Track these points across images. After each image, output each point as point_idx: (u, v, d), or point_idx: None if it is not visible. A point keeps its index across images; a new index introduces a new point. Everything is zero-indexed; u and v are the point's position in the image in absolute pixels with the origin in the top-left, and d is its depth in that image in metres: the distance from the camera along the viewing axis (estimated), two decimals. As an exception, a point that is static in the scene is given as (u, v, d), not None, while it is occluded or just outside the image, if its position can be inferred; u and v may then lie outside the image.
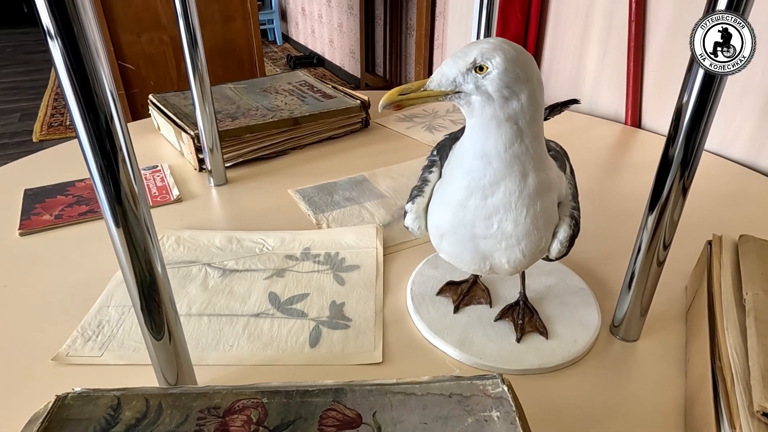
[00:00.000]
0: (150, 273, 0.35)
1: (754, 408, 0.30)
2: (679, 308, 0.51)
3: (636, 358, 0.46)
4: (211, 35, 1.36)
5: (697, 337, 0.43)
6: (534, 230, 0.37)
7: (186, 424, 0.33)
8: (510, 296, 0.50)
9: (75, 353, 0.46)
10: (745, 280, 0.42)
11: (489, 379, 0.35)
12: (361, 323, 0.49)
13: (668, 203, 0.42)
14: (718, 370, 0.36)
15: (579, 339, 0.46)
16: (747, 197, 0.72)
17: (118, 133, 0.30)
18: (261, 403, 0.34)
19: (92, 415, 0.33)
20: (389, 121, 0.98)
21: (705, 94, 0.38)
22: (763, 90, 0.76)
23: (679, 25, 0.86)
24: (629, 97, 0.96)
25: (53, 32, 0.26)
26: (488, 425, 0.32)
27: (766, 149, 0.78)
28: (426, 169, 0.43)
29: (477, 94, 0.33)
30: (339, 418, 0.33)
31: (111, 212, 0.32)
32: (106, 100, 0.29)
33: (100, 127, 0.29)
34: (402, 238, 0.62)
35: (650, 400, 0.42)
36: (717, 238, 0.49)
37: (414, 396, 0.34)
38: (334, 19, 2.29)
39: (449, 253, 0.40)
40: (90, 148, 0.30)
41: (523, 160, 0.35)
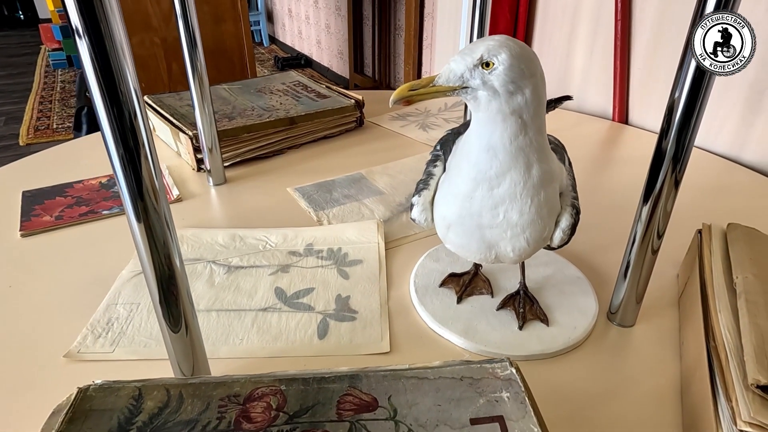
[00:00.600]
0: (169, 267, 0.36)
1: (748, 381, 0.32)
2: (672, 295, 0.53)
3: (633, 343, 0.48)
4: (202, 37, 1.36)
5: (691, 320, 0.45)
6: (538, 219, 0.38)
7: (208, 411, 0.34)
8: (510, 286, 0.52)
9: (86, 350, 0.47)
10: (734, 265, 0.44)
11: (498, 363, 0.37)
12: (367, 315, 0.50)
13: (661, 195, 0.44)
14: (713, 350, 0.38)
15: (578, 326, 0.48)
16: (732, 189, 0.75)
17: (141, 130, 0.31)
18: (279, 390, 0.35)
19: (114, 405, 0.34)
20: (383, 120, 0.99)
21: (695, 90, 0.40)
22: (744, 86, 0.79)
23: (663, 24, 0.89)
24: (616, 95, 0.98)
25: (81, 31, 0.27)
26: (499, 405, 0.34)
27: (749, 143, 0.81)
28: (430, 163, 0.44)
29: (483, 89, 0.35)
30: (356, 403, 0.34)
31: (133, 207, 0.33)
32: (131, 97, 0.30)
33: (125, 124, 0.30)
34: (402, 233, 0.63)
35: (647, 382, 0.43)
36: (707, 227, 0.52)
37: (427, 380, 0.36)
38: (322, 20, 2.30)
39: (456, 244, 0.42)
40: (114, 144, 0.30)
41: (527, 152, 0.37)
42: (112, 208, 0.69)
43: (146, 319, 0.50)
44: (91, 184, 0.75)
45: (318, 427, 0.32)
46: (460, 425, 0.32)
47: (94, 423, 0.33)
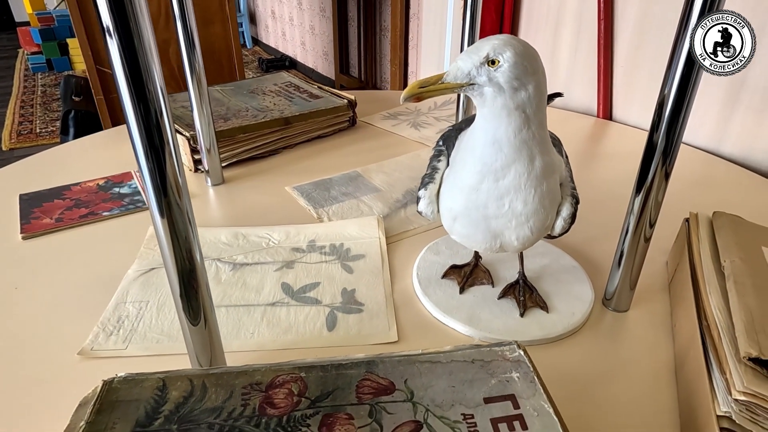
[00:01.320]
0: (190, 261, 0.37)
1: (740, 355, 0.34)
2: (662, 281, 0.56)
3: (628, 327, 0.50)
4: None
5: (682, 304, 0.48)
6: (541, 208, 0.40)
7: (231, 399, 0.35)
8: (509, 276, 0.54)
9: (99, 347, 0.47)
10: (722, 250, 0.46)
11: (506, 346, 0.39)
12: (374, 307, 0.52)
13: (653, 186, 0.47)
14: (705, 329, 0.40)
15: (576, 312, 0.50)
16: (713, 181, 0.78)
17: (166, 128, 0.32)
18: (300, 377, 0.36)
19: (140, 396, 0.35)
20: (375, 119, 1.01)
21: (684, 87, 0.42)
22: (722, 83, 0.82)
23: (644, 23, 0.92)
24: (600, 92, 1.02)
25: (112, 31, 0.28)
26: (510, 385, 0.36)
27: (728, 137, 0.85)
28: (434, 158, 0.46)
29: (489, 85, 0.37)
30: (374, 386, 0.36)
31: (157, 203, 0.34)
32: (157, 96, 0.31)
33: (151, 122, 0.31)
34: (402, 228, 0.65)
35: (643, 362, 0.46)
36: (693, 215, 0.54)
37: (440, 364, 0.37)
38: (306, 22, 2.30)
39: (462, 234, 0.44)
40: (140, 141, 0.31)
41: (530, 145, 0.39)
42: (113, 209, 0.70)
43: (156, 317, 0.51)
44: (89, 187, 0.76)
45: (340, 410, 0.34)
46: (475, 404, 0.34)
47: (121, 413, 0.34)
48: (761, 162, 0.81)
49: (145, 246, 0.61)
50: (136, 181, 0.77)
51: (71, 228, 0.66)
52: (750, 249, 0.46)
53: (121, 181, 0.77)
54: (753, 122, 0.81)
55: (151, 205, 0.34)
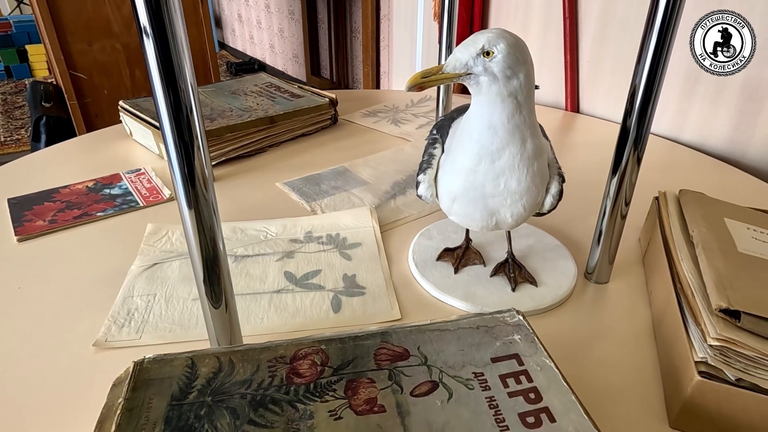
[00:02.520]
0: (213, 249, 0.39)
1: (713, 308, 0.39)
2: (636, 255, 0.61)
3: (609, 296, 0.55)
4: None
5: (656, 273, 0.53)
6: (533, 186, 0.44)
7: (259, 372, 0.37)
8: (499, 256, 0.58)
9: (113, 338, 0.49)
10: (689, 222, 0.51)
11: (506, 312, 0.43)
12: (375, 289, 0.55)
13: (627, 169, 0.51)
14: (680, 291, 0.45)
15: (562, 285, 0.54)
16: (675, 165, 0.84)
17: (196, 123, 0.34)
18: (320, 349, 0.39)
19: (172, 374, 0.37)
20: (355, 116, 1.04)
21: (652, 78, 0.47)
22: (680, 75, 0.89)
23: (606, 21, 0.98)
24: (567, 86, 1.07)
25: (149, 31, 0.30)
26: (513, 345, 0.39)
27: (687, 125, 0.91)
28: (430, 145, 0.50)
29: (485, 74, 0.41)
30: (390, 354, 0.39)
31: (185, 194, 0.36)
32: (188, 93, 0.33)
33: (181, 118, 0.33)
34: (394, 216, 0.68)
35: (624, 327, 0.50)
36: (662, 194, 0.60)
37: (448, 331, 0.41)
38: (274, 25, 2.31)
39: (460, 214, 0.47)
40: (171, 135, 0.34)
41: (522, 128, 0.42)
42: (106, 210, 0.70)
43: (165, 308, 0.53)
44: (78, 189, 0.76)
45: (361, 376, 0.37)
46: (483, 364, 0.38)
47: (156, 390, 0.36)
48: (716, 146, 0.88)
49: (145, 243, 0.63)
50: (126, 182, 0.78)
51: (66, 229, 0.67)
52: (714, 220, 0.51)
53: (110, 183, 0.78)
54: (708, 111, 0.87)
55: (179, 196, 0.36)
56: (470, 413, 0.34)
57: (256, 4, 2.34)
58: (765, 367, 0.36)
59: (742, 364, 0.37)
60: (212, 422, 0.33)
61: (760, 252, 0.46)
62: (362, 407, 0.34)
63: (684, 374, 0.39)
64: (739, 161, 0.85)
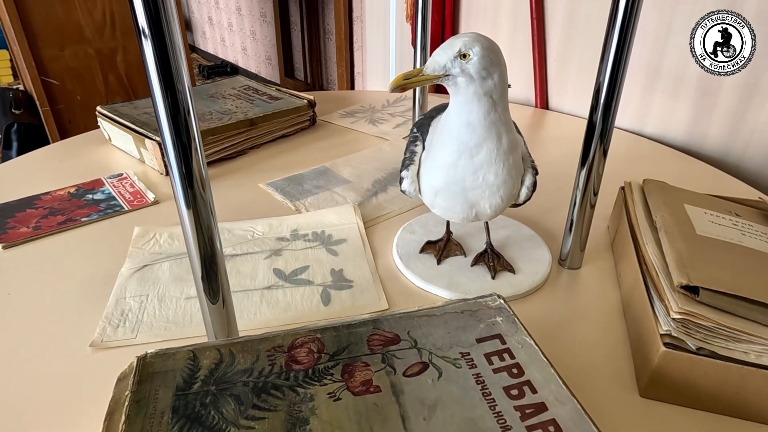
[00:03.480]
0: (211, 247, 0.41)
1: (675, 285, 0.42)
2: (606, 242, 0.65)
3: (581, 281, 0.58)
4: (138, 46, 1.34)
5: (624, 257, 0.57)
6: (509, 179, 0.47)
7: (259, 361, 0.39)
8: (478, 247, 0.61)
9: (109, 339, 0.50)
10: (653, 209, 0.55)
11: (488, 297, 0.46)
12: (362, 282, 0.57)
13: (594, 161, 0.55)
14: (646, 272, 0.49)
15: (538, 271, 0.58)
16: (639, 157, 0.89)
17: (193, 125, 0.36)
18: (316, 337, 0.41)
19: (174, 366, 0.39)
20: (333, 117, 1.06)
21: (615, 74, 0.51)
22: (641, 70, 0.94)
23: (572, 21, 1.02)
24: (537, 84, 1.12)
25: (147, 33, 0.32)
26: (496, 327, 0.42)
27: (649, 119, 0.96)
28: (411, 143, 0.52)
29: (462, 75, 0.44)
30: (382, 339, 0.41)
31: (183, 195, 0.38)
32: (185, 95, 0.35)
33: (179, 120, 0.35)
34: (376, 213, 0.71)
35: (596, 308, 0.54)
36: (627, 184, 0.64)
37: (435, 316, 0.44)
38: (246, 27, 2.31)
39: (442, 207, 0.50)
40: (170, 137, 0.35)
41: (498, 125, 0.46)
42: (91, 215, 0.71)
43: (159, 308, 0.54)
44: (60, 195, 0.76)
45: (356, 360, 0.39)
46: (469, 344, 0.41)
47: (160, 382, 0.38)
48: (676, 138, 0.93)
49: (133, 246, 0.64)
50: (108, 187, 0.78)
51: (51, 235, 0.67)
52: (675, 206, 0.55)
53: (92, 188, 0.78)
54: (668, 106, 0.93)
55: (177, 197, 0.38)
56: (459, 389, 0.37)
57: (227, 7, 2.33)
58: (722, 337, 0.40)
59: (701, 334, 0.40)
60: (218, 409, 0.35)
61: (716, 234, 0.50)
62: (359, 388, 0.37)
63: (651, 346, 0.43)
64: (698, 152, 0.90)
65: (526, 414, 0.35)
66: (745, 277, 0.43)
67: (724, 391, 0.41)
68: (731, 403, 0.41)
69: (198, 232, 0.40)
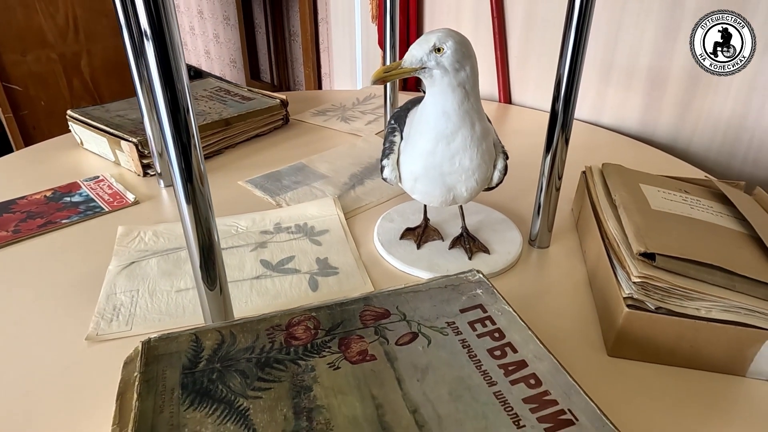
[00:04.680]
0: (209, 238, 0.43)
1: (634, 252, 0.47)
2: (570, 223, 0.70)
3: (550, 259, 0.63)
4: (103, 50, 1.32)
5: (588, 234, 0.61)
6: (483, 163, 0.51)
7: (259, 340, 0.42)
8: (454, 231, 0.65)
9: (104, 332, 0.51)
10: (612, 188, 0.60)
11: (468, 273, 0.49)
12: (347, 269, 0.60)
13: (558, 147, 0.60)
14: (608, 245, 0.54)
15: (511, 251, 0.62)
16: (597, 145, 0.95)
17: (192, 123, 0.38)
18: (311, 316, 0.44)
19: (179, 348, 0.41)
20: (305, 116, 1.08)
21: (574, 67, 0.55)
22: (597, 65, 1.00)
23: (530, 20, 1.08)
24: (500, 80, 1.17)
25: (149, 34, 0.34)
26: (476, 298, 0.46)
27: (605, 110, 1.03)
28: (390, 134, 0.56)
29: (437, 68, 0.47)
30: (374, 314, 0.44)
31: (183, 190, 0.40)
32: (185, 94, 0.37)
33: (179, 118, 0.37)
34: (355, 205, 0.74)
35: (564, 282, 0.59)
36: (588, 168, 0.69)
37: (421, 292, 0.47)
38: (209, 31, 2.29)
39: (422, 192, 0.54)
40: (171, 135, 0.38)
41: (471, 113, 0.49)
42: (71, 217, 0.71)
43: (151, 301, 0.55)
44: (37, 199, 0.76)
45: (351, 334, 0.42)
46: (454, 314, 0.44)
47: (167, 363, 0.40)
48: (630, 128, 0.99)
49: (118, 244, 0.65)
50: (86, 189, 0.79)
51: (33, 237, 0.67)
52: (632, 186, 0.60)
53: (69, 191, 0.78)
54: (622, 97, 0.99)
55: (177, 191, 0.40)
56: (448, 354, 0.40)
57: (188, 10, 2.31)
58: (676, 296, 0.45)
59: (659, 295, 0.45)
60: (225, 383, 0.38)
61: (668, 209, 0.55)
62: (356, 358, 0.40)
63: (616, 309, 0.47)
64: (650, 139, 0.97)
65: (509, 371, 0.39)
66: (694, 244, 0.48)
67: (680, 345, 0.46)
68: (687, 355, 0.46)
69: (197, 224, 0.42)
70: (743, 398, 0.45)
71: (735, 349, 0.45)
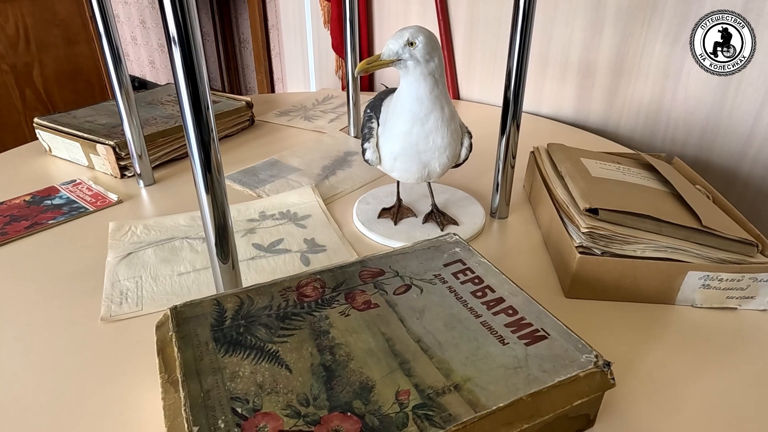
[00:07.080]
0: (224, 219, 0.48)
1: (581, 209, 0.56)
2: (523, 198, 0.79)
3: (510, 227, 0.72)
4: (55, 60, 1.30)
5: (540, 203, 0.71)
6: (452, 141, 0.59)
7: (275, 300, 0.48)
8: (425, 209, 0.73)
9: (116, 313, 0.55)
10: (558, 162, 0.70)
11: (446, 235, 0.57)
12: (334, 246, 0.67)
13: (511, 130, 0.69)
14: (559, 208, 0.63)
15: (476, 222, 0.70)
16: (539, 132, 1.06)
17: (210, 119, 0.44)
18: (317, 278, 0.51)
19: (204, 311, 0.46)
20: (269, 117, 1.13)
21: (521, 58, 0.64)
22: (534, 60, 1.11)
23: (473, 21, 1.18)
24: (448, 77, 1.26)
25: (176, 40, 0.40)
26: (456, 254, 0.54)
27: (543, 101, 1.14)
28: (367, 122, 0.63)
29: (411, 59, 0.55)
30: (371, 273, 0.51)
31: (203, 179, 0.45)
32: (205, 94, 0.43)
33: (200, 114, 0.43)
34: (331, 192, 0.80)
35: (523, 244, 0.68)
36: (536, 148, 0.79)
37: (408, 253, 0.54)
38: (153, 40, 2.28)
39: (401, 170, 0.61)
40: (193, 130, 0.43)
41: (440, 98, 0.57)
42: (56, 217, 0.74)
43: (155, 285, 0.60)
44: (16, 203, 0.77)
45: (354, 290, 0.49)
46: (438, 269, 0.52)
47: (196, 323, 0.45)
48: (567, 116, 1.11)
49: (111, 238, 0.68)
50: (65, 192, 0.81)
51: (22, 238, 0.69)
52: (574, 160, 0.70)
53: (48, 195, 0.80)
54: (557, 88, 1.11)
55: (197, 181, 0.46)
56: (438, 297, 0.48)
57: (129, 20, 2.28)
58: (617, 242, 0.55)
59: (603, 242, 0.55)
60: (253, 334, 0.43)
61: (606, 175, 0.65)
62: (362, 306, 0.47)
63: (570, 257, 0.56)
64: (584, 125, 1.09)
65: (490, 305, 0.47)
66: (628, 200, 0.58)
67: (623, 282, 0.55)
68: (629, 290, 0.56)
69: (214, 207, 0.47)
70: (674, 322, 0.55)
71: (665, 281, 0.55)
